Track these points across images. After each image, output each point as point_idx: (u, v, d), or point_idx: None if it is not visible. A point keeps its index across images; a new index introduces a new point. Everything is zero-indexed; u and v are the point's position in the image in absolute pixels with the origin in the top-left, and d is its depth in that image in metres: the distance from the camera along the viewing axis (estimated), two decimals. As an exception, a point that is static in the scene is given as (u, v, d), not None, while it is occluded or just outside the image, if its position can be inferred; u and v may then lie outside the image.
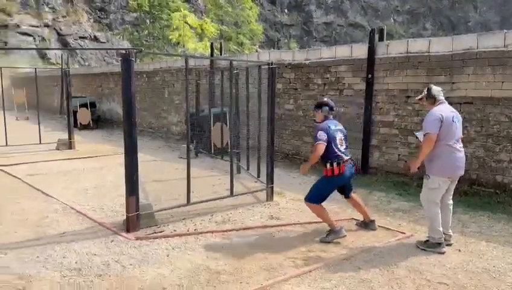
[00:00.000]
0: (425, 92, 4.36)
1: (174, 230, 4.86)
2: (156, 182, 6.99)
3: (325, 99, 4.95)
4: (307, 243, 4.50)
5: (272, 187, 6.05)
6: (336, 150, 4.59)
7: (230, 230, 4.87)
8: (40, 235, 4.64)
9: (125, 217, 4.83)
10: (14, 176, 7.43)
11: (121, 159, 9.15)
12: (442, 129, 4.11)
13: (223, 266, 3.93)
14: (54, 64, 26.26)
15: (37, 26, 28.05)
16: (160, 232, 4.78)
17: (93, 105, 15.42)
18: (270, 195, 6.03)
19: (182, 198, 5.57)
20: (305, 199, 4.73)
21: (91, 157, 9.43)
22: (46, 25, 28.50)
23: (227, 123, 9.04)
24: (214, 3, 22.74)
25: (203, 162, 8.71)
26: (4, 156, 9.18)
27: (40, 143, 10.68)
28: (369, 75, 7.42)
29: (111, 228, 4.87)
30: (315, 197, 4.69)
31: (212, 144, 9.44)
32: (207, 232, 4.79)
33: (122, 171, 4.82)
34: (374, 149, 7.51)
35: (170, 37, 18.21)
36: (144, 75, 13.78)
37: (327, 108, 4.81)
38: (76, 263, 3.93)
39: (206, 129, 9.66)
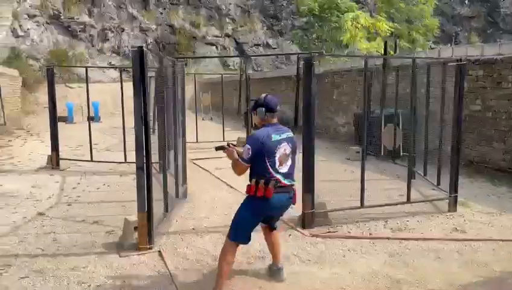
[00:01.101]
0: None
1: (349, 232, 4.83)
2: (325, 182, 6.93)
3: (263, 96, 3.44)
4: (501, 263, 3.95)
5: (456, 197, 5.50)
6: (272, 171, 3.25)
7: (408, 239, 4.61)
8: (227, 223, 5.10)
9: (300, 213, 4.99)
10: (204, 168, 8.42)
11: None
12: None
13: (403, 275, 3.74)
14: (232, 70, 28.99)
15: (219, 37, 31.35)
16: (335, 232, 4.81)
17: (266, 107, 16.40)
18: (452, 205, 5.48)
19: (354, 200, 5.49)
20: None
21: None
22: (227, 35, 31.63)
23: (400, 125, 8.62)
24: (385, 0, 21.84)
25: (371, 164, 8.42)
26: (195, 151, 10.50)
27: (223, 141, 11.88)
28: None
29: (288, 222, 5.08)
30: (232, 229, 3.37)
31: (383, 147, 9.09)
32: (383, 238, 4.63)
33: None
34: None
35: (341, 38, 18.18)
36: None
37: (262, 110, 3.34)
38: (259, 251, 4.23)
39: (375, 131, 9.35)
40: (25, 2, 24.19)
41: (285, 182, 3.33)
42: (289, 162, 3.38)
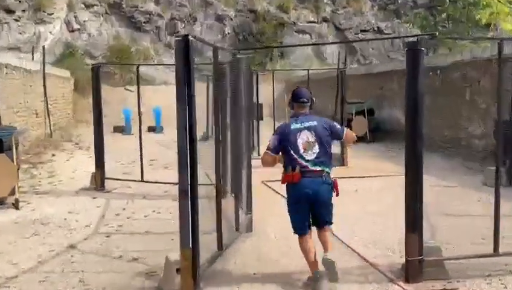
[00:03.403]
0: None
1: (475, 290, 4.44)
2: (447, 216, 6.64)
3: (296, 87, 5.02)
4: None
5: None
6: (296, 157, 4.51)
7: None
8: (304, 269, 4.80)
9: (404, 260, 4.74)
10: (280, 193, 8.24)
11: (402, 180, 9.04)
12: None
13: None
14: (330, 64, 28.76)
15: (314, 22, 31.40)
16: (454, 289, 4.46)
17: (371, 112, 15.97)
18: None
19: (487, 244, 5.05)
20: None
21: (366, 177, 9.80)
22: (324, 20, 31.56)
23: None
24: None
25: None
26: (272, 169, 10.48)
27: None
28: None
29: (385, 272, 4.86)
30: (292, 223, 4.71)
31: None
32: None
33: (403, 196, 4.74)
34: None
35: (478, 17, 17.14)
36: (437, 72, 13.37)
37: (290, 100, 4.83)
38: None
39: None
40: (82, -11, 26.51)
41: (313, 168, 4.48)
42: (316, 149, 4.51)
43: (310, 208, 4.57)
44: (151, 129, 18.81)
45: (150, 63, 25.85)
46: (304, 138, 4.50)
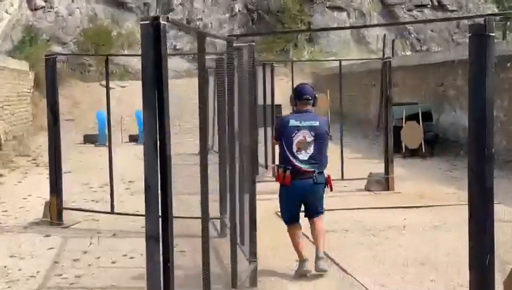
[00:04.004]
0: None
1: None
2: None
3: (299, 84, 6.61)
4: None
5: None
6: (289, 155, 5.91)
7: None
8: None
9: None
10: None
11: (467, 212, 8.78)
12: None
13: None
14: (375, 52, 28.40)
15: (354, -4, 31.23)
16: None
17: (427, 117, 15.68)
18: None
19: None
20: None
21: (418, 207, 9.66)
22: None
23: None
24: None
25: None
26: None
27: (342, 179, 11.41)
28: None
29: None
30: (281, 213, 6.53)
31: None
32: None
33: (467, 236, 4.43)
34: None
35: None
36: (517, 62, 13.00)
37: (292, 96, 6.38)
38: None
39: None
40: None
41: (304, 167, 5.88)
42: (310, 150, 5.92)
43: (301, 203, 6.21)
44: (133, 139, 18.76)
45: (136, 50, 25.79)
46: (300, 137, 5.92)
